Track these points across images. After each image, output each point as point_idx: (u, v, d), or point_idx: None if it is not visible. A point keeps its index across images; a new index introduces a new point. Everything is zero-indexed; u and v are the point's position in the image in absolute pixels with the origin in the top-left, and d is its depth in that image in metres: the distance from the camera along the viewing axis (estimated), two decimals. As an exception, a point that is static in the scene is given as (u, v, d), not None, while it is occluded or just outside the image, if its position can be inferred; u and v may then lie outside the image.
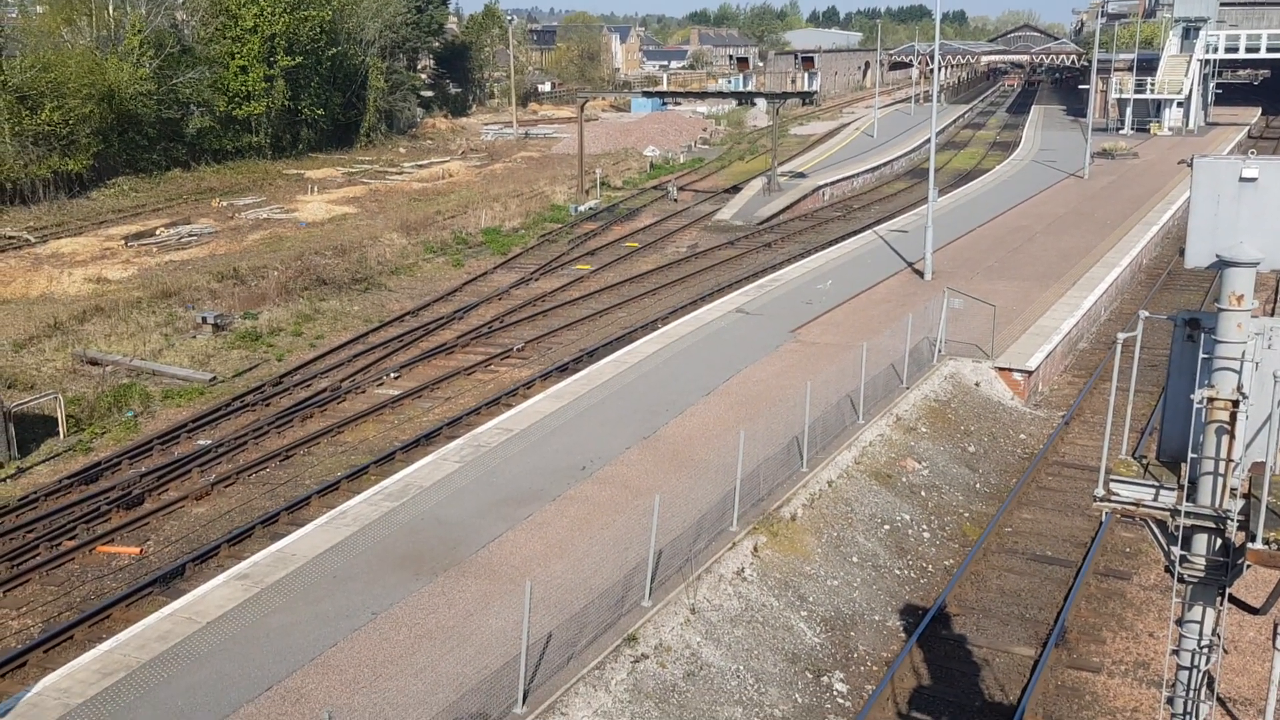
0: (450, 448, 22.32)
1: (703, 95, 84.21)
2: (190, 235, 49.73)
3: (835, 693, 16.30)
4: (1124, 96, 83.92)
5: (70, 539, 20.60)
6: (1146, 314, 9.32)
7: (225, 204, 58.15)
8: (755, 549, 18.50)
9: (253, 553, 18.63)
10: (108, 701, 13.89)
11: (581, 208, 56.08)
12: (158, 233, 49.95)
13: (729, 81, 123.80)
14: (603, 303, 37.89)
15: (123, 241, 47.91)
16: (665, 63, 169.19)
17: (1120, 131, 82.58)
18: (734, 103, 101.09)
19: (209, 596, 16.50)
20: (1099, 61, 69.63)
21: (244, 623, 15.71)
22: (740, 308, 33.05)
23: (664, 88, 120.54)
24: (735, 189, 60.73)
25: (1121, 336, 9.37)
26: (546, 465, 21.18)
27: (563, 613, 15.88)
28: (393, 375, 30.18)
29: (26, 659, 16.74)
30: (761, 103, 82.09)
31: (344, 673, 14.47)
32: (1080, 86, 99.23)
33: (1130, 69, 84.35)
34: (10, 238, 48.40)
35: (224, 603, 16.26)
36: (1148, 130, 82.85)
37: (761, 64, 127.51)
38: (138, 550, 20.45)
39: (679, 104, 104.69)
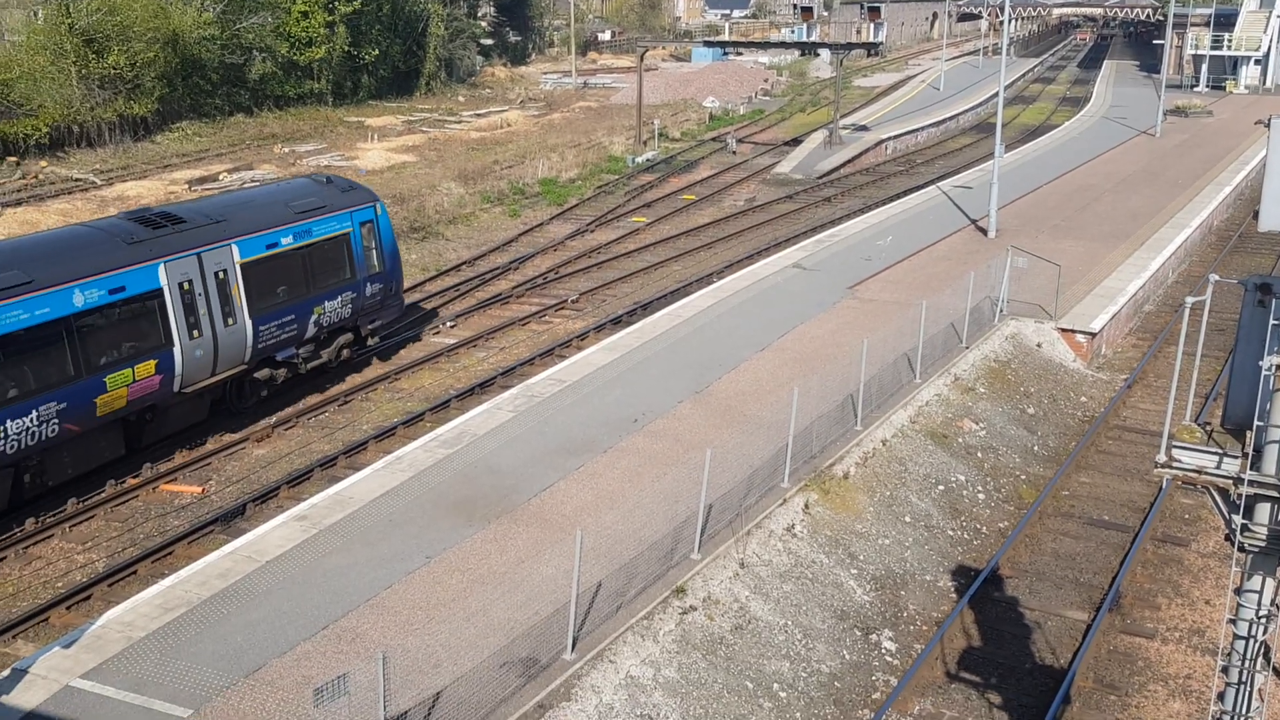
0: (504, 397, 22.49)
1: (765, 45, 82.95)
2: (252, 181, 50.27)
3: (884, 650, 16.31)
4: (1199, 52, 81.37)
5: (135, 476, 21.13)
6: (1216, 278, 9.09)
7: (287, 150, 58.64)
8: (806, 506, 18.48)
9: (311, 495, 19.00)
10: (169, 636, 14.29)
11: (639, 159, 55.75)
12: (220, 177, 50.55)
13: (792, 31, 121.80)
14: (658, 255, 37.77)
15: (186, 186, 48.55)
16: (727, 11, 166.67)
17: (1194, 89, 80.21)
18: (797, 53, 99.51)
19: (268, 536, 16.86)
20: (1175, 16, 67.51)
21: (302, 563, 16.05)
22: (797, 263, 32.77)
23: (725, 37, 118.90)
24: (795, 141, 59.99)
25: (1190, 300, 9.15)
26: (599, 417, 21.28)
27: (612, 562, 16.01)
28: (449, 324, 30.41)
29: (91, 592, 17.26)
30: (825, 54, 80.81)
31: (398, 614, 14.74)
32: (1154, 41, 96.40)
33: (1207, 24, 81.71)
34: (77, 180, 49.28)
35: (283, 543, 16.61)
36: (1223, 88, 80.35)
37: (826, 14, 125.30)
38: (200, 489, 20.92)
39: (740, 54, 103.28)
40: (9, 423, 18.20)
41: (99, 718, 12.71)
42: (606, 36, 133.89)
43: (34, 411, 18.58)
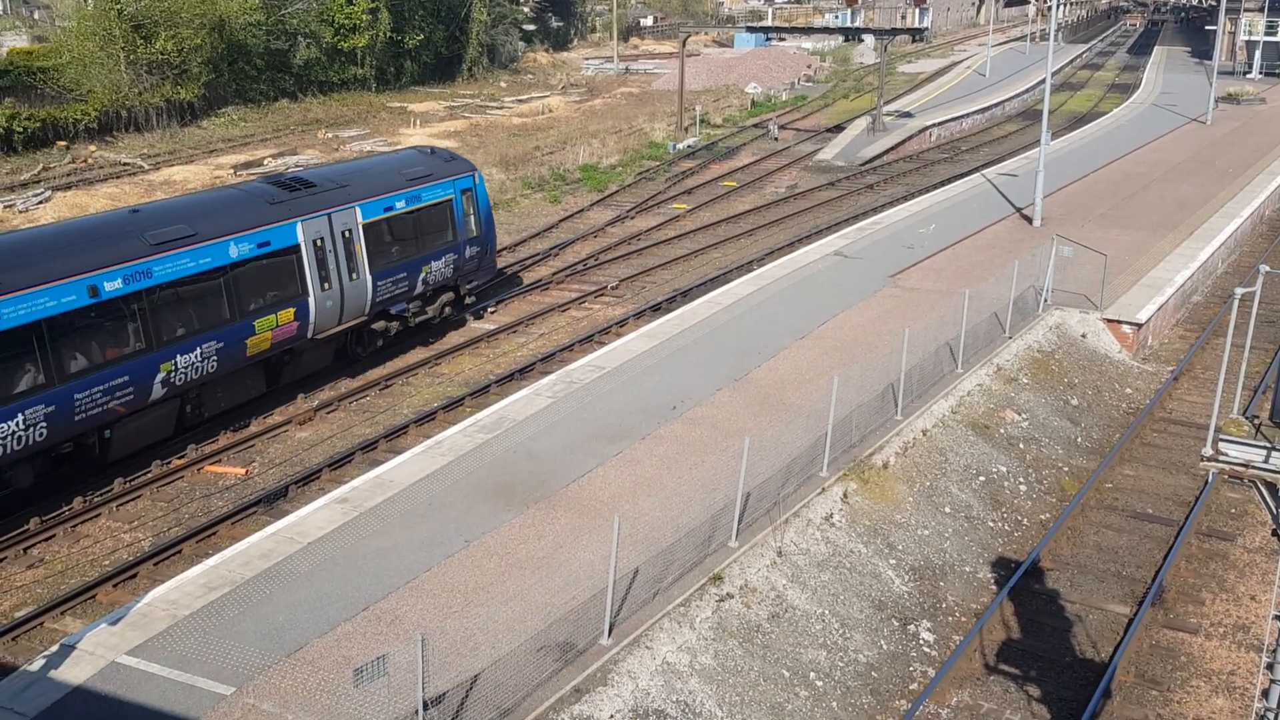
0: (543, 383, 22.56)
1: (808, 31, 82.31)
2: (297, 166, 50.70)
3: (921, 641, 16.23)
4: (1253, 39, 79.71)
5: (180, 458, 21.44)
6: (1267, 269, 8.93)
7: (331, 135, 59.09)
8: (845, 495, 18.40)
9: (352, 478, 19.19)
10: (213, 615, 14.51)
11: (680, 145, 55.60)
12: (265, 162, 51.04)
13: (836, 17, 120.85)
14: (698, 242, 37.68)
15: (231, 170, 49.08)
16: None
17: (1248, 75, 78.63)
18: (840, 39, 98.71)
19: (310, 518, 17.06)
20: (1228, 1, 66.17)
21: (343, 545, 16.22)
22: (839, 250, 32.56)
23: (768, 23, 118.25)
24: (838, 128, 59.56)
25: (1239, 291, 9.00)
26: (637, 403, 21.29)
27: (650, 549, 16.04)
28: (489, 309, 30.54)
29: (137, 571, 17.56)
30: (869, 39, 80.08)
31: (437, 597, 14.86)
32: (1206, 27, 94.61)
33: (1262, 9, 80.00)
34: (125, 164, 49.97)
35: (324, 525, 16.79)
36: (1277, 75, 78.71)
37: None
38: (243, 471, 21.20)
39: (783, 40, 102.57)
40: (179, 357, 20.75)
41: (144, 694, 12.94)
42: (649, 22, 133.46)
43: (198, 349, 21.16)
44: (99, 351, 19.41)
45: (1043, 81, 40.63)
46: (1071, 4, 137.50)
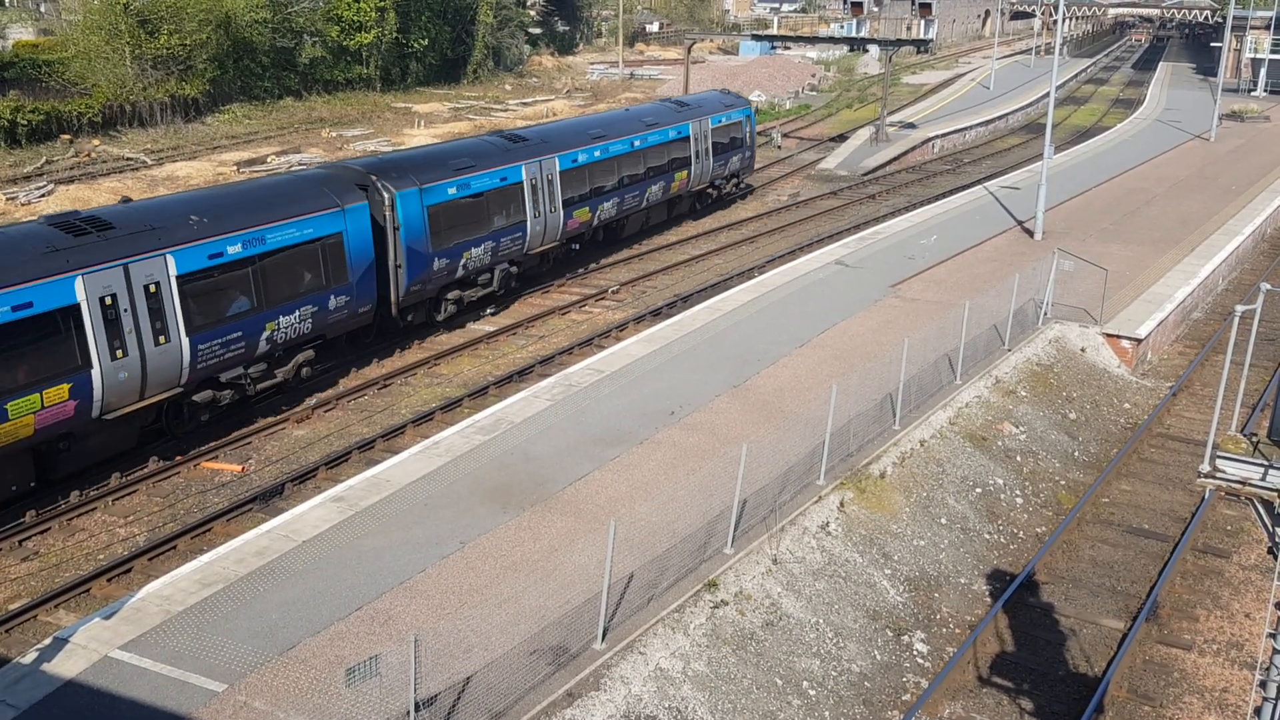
0: (542, 385, 22.56)
1: (813, 40, 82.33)
2: (300, 164, 50.72)
3: (915, 652, 16.21)
4: (1259, 56, 79.84)
5: (178, 453, 21.42)
6: (1268, 286, 8.94)
7: (334, 134, 59.13)
8: (841, 504, 18.40)
9: (349, 477, 19.18)
10: (206, 611, 14.49)
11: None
12: (269, 160, 51.06)
13: (841, 26, 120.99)
14: (699, 248, 37.69)
15: (235, 168, 49.10)
16: (776, 5, 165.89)
17: (1252, 93, 78.73)
18: (845, 49, 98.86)
19: (306, 516, 17.04)
20: (1234, 18, 66.28)
21: (338, 543, 16.21)
22: (840, 260, 32.58)
23: (773, 31, 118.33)
24: (841, 138, 59.62)
25: (1239, 308, 9.01)
26: (635, 408, 21.29)
27: (645, 554, 16.03)
28: (489, 311, 30.53)
29: (132, 565, 17.55)
30: (874, 50, 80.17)
31: (431, 598, 14.85)
32: (1212, 44, 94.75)
33: (1268, 27, 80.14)
34: (128, 159, 49.99)
35: (319, 523, 16.78)
36: (1282, 92, 78.83)
37: (876, 9, 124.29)
38: (240, 468, 21.18)
39: (788, 48, 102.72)
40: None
41: (136, 689, 12.92)
42: (655, 28, 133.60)
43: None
44: None
45: (1046, 95, 40.67)
46: (1077, 18, 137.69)
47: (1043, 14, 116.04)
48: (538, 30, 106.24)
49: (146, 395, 20.22)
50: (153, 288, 20.02)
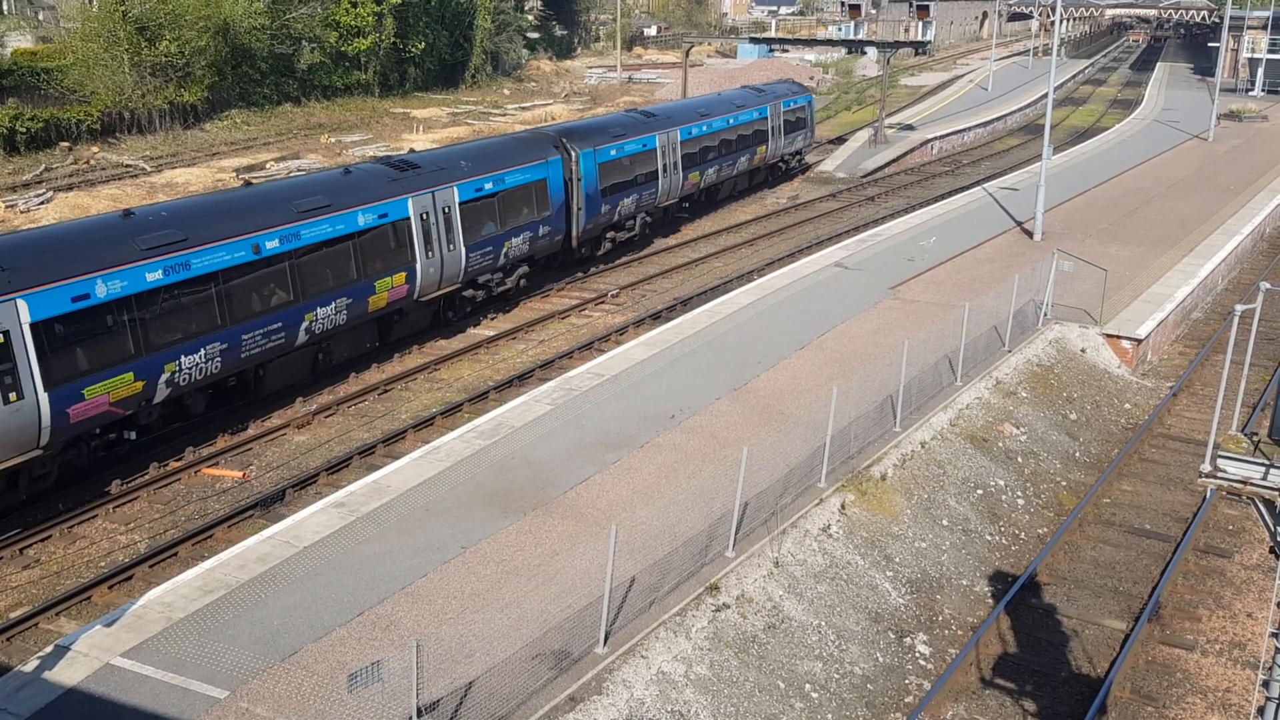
0: (542, 389, 22.56)
1: (811, 43, 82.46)
2: (299, 170, 50.75)
3: (918, 654, 16.20)
4: (1256, 56, 79.95)
5: (178, 460, 21.42)
6: (1268, 285, 8.94)
7: (333, 140, 59.14)
8: (843, 506, 18.39)
9: (350, 482, 19.17)
10: (208, 617, 14.48)
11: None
12: (268, 166, 51.07)
13: (839, 29, 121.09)
14: (699, 251, 37.71)
15: (234, 174, 49.09)
16: (774, 8, 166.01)
17: (1250, 93, 78.82)
18: (843, 51, 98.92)
19: (307, 522, 17.04)
20: (1231, 18, 66.33)
21: (339, 549, 16.20)
22: (839, 262, 32.59)
23: (772, 34, 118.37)
24: (840, 140, 59.64)
25: (1239, 308, 9.01)
26: (636, 411, 21.29)
27: (646, 558, 16.02)
28: (489, 315, 30.52)
29: (133, 573, 17.53)
30: (872, 52, 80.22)
31: (432, 603, 14.84)
32: (1209, 44, 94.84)
33: (1265, 27, 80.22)
34: (128, 166, 50.01)
35: (321, 529, 16.77)
36: (1279, 92, 78.87)
37: (874, 11, 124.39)
38: (241, 474, 21.17)
39: (786, 51, 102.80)
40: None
41: (138, 696, 12.90)
42: (653, 32, 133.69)
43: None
44: None
45: (1045, 96, 40.69)
46: (1075, 19, 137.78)
47: (1040, 15, 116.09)
48: (536, 34, 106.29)
49: (442, 286, 27.53)
50: (446, 209, 27.22)
